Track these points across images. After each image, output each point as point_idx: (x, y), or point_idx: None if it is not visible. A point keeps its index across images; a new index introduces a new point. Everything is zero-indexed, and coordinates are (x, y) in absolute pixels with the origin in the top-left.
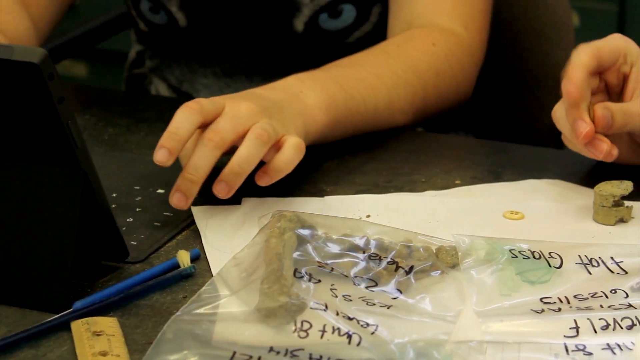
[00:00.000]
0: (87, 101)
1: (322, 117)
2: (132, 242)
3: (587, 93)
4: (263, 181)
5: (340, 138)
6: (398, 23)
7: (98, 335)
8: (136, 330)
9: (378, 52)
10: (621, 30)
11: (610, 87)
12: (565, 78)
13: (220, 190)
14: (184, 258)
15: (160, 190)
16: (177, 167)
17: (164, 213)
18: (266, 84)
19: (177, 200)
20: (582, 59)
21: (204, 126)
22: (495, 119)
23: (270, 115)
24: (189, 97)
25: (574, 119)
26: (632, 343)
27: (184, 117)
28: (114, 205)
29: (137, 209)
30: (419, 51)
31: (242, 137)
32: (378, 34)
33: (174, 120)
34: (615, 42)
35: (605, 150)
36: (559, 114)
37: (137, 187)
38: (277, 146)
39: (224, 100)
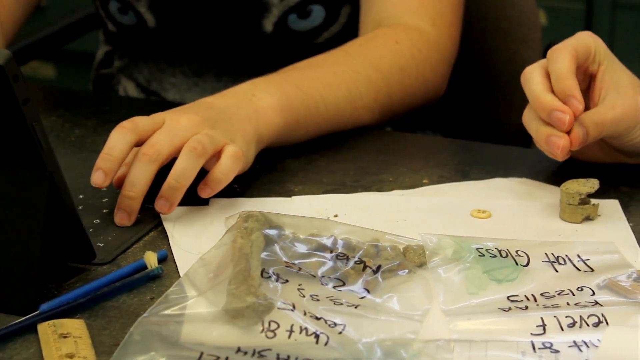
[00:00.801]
0: (53, 102)
1: (276, 118)
2: (99, 244)
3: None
4: (204, 193)
5: (304, 139)
6: (368, 22)
7: (65, 337)
8: (103, 332)
9: (338, 53)
10: (588, 28)
11: None
12: (568, 94)
13: (161, 206)
14: (151, 259)
15: None
16: None
17: None
18: (232, 86)
19: (120, 218)
20: (567, 67)
21: (141, 144)
22: (463, 118)
23: (214, 125)
24: (158, 96)
25: (551, 110)
26: (599, 340)
27: (118, 137)
28: (80, 207)
29: (104, 210)
30: (382, 49)
31: (179, 150)
32: (347, 34)
33: (108, 141)
34: (586, 41)
35: (561, 145)
36: (528, 117)
37: (104, 189)
38: (218, 156)
39: (164, 115)
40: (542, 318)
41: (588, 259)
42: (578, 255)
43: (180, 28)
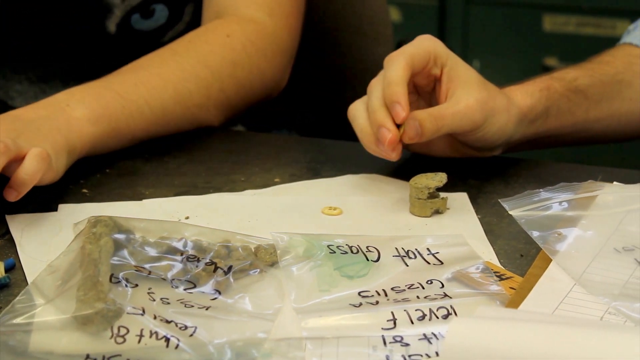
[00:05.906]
0: None
1: (90, 128)
2: None
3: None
4: (11, 196)
5: (132, 143)
6: (209, 15)
7: None
8: None
9: (164, 52)
10: (442, 24)
11: (419, 87)
12: (393, 100)
13: None
14: None
15: None
16: None
17: None
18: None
19: None
20: (400, 75)
21: None
22: (317, 116)
23: (18, 136)
24: (4, 104)
25: (378, 126)
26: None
27: None
28: None
29: None
30: (211, 44)
31: None
32: None
33: None
34: (425, 46)
35: (386, 138)
36: (354, 113)
37: None
38: (21, 161)
39: None
40: (392, 312)
41: (437, 252)
42: (428, 249)
43: (22, 30)
